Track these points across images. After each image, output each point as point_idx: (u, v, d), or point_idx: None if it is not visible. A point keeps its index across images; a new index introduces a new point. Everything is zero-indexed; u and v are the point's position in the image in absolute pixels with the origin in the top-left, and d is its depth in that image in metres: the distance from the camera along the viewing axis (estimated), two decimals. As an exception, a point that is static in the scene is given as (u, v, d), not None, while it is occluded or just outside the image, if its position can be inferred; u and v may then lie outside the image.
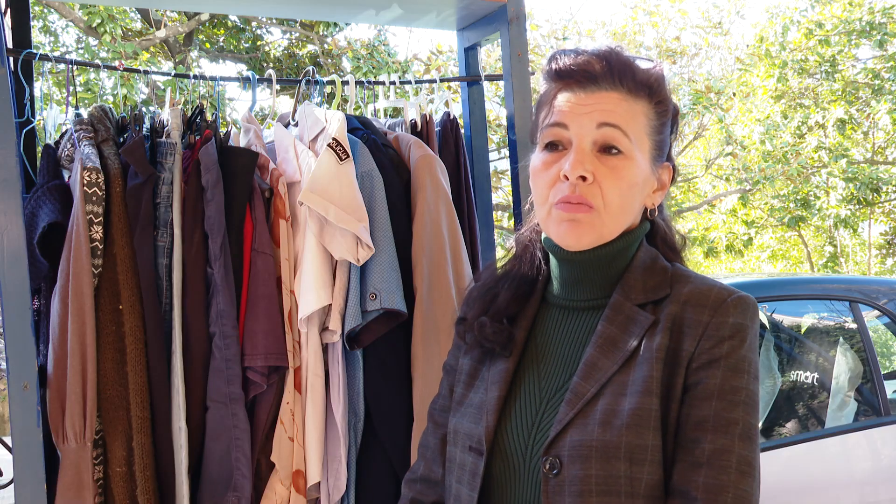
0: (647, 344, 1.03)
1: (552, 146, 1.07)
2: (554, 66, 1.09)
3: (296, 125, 1.94)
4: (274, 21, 9.39)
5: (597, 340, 1.06)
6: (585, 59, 1.07)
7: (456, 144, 2.08)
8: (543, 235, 1.14)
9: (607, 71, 1.06)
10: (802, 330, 3.56)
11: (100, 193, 1.63)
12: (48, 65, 1.81)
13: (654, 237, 1.16)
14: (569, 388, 1.04)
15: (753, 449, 0.99)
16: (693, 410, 1.00)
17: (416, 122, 2.07)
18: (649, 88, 1.08)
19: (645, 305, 1.06)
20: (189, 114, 1.83)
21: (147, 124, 1.79)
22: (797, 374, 3.34)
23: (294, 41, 9.99)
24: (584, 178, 1.03)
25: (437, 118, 2.12)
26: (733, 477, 0.97)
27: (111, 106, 1.80)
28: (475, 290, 1.21)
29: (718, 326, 1.02)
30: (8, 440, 1.60)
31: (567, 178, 1.04)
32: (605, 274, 1.10)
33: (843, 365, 3.24)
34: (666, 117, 1.11)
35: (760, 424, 3.13)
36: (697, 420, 0.99)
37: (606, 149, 1.05)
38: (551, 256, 1.14)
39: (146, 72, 2.01)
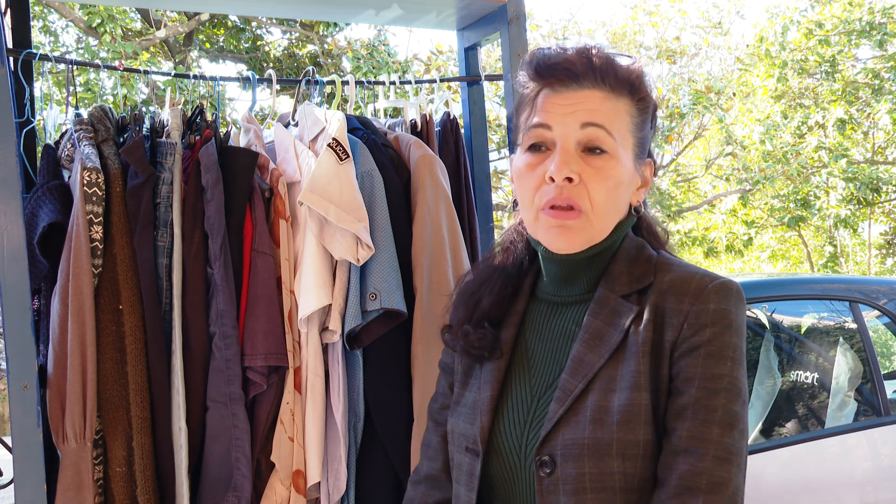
0: (632, 337, 1.02)
1: (536, 147, 1.06)
2: (535, 64, 1.08)
3: (296, 125, 1.94)
4: (274, 21, 9.39)
5: (583, 335, 1.05)
6: (566, 58, 1.05)
7: (456, 144, 2.07)
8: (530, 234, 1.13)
9: (589, 69, 1.04)
10: (802, 330, 3.56)
11: (100, 193, 1.63)
12: (48, 65, 1.81)
13: (639, 228, 1.15)
14: (558, 386, 1.04)
15: (734, 436, 0.98)
16: (674, 399, 1.00)
17: (416, 122, 2.07)
18: (631, 86, 1.07)
19: (629, 296, 1.06)
20: (189, 114, 1.83)
21: (147, 124, 1.78)
22: (797, 374, 3.34)
23: (294, 41, 9.99)
24: (570, 180, 1.02)
25: (437, 118, 2.12)
26: (709, 464, 0.95)
27: (111, 106, 1.79)
28: (460, 296, 1.20)
29: (699, 314, 1.00)
30: (8, 440, 1.60)
31: (553, 180, 1.03)
32: (594, 269, 1.10)
33: (843, 365, 3.24)
34: (647, 114, 1.10)
35: (760, 424, 3.14)
36: (678, 409, 0.99)
37: (591, 149, 1.04)
38: (540, 254, 1.13)
39: (146, 72, 2.01)
